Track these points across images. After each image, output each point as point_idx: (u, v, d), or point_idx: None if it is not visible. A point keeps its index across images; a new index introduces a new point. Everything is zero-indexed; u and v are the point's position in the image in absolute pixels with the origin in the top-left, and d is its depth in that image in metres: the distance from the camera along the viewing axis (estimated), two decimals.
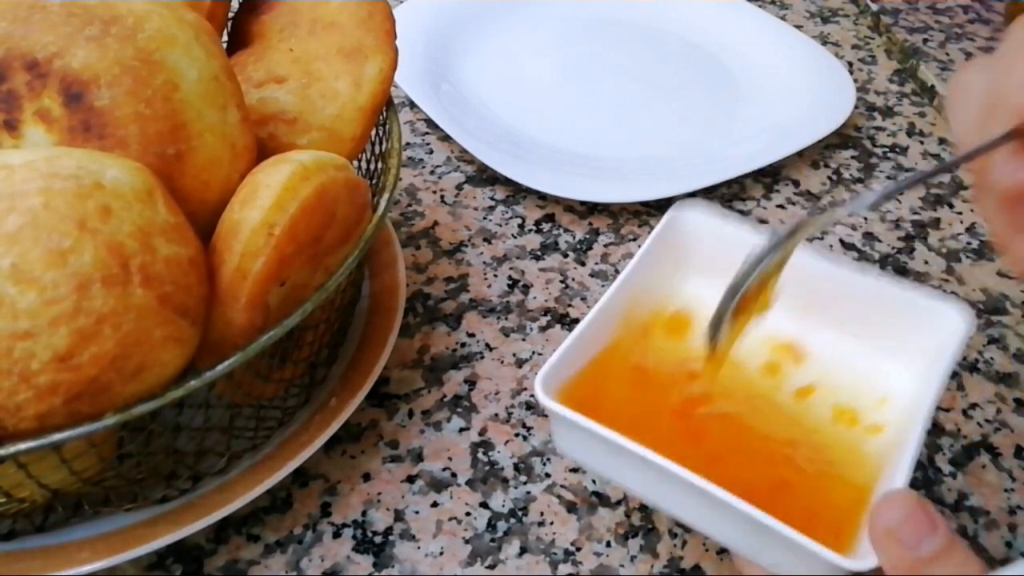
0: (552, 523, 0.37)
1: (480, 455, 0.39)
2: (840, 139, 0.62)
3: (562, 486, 0.38)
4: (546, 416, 0.41)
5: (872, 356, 0.34)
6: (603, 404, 0.32)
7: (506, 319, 0.46)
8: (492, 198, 0.55)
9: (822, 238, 0.53)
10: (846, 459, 0.32)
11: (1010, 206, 0.27)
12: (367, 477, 0.38)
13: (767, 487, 0.31)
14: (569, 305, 0.47)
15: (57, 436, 0.25)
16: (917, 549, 0.26)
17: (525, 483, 0.38)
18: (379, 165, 0.40)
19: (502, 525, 0.37)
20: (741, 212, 0.55)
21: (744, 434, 0.33)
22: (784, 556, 0.28)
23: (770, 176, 0.58)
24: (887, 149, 0.61)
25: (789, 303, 0.33)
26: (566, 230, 0.52)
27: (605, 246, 0.51)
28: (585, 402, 0.31)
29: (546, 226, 0.53)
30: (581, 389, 0.32)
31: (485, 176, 0.56)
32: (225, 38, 0.40)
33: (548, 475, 0.39)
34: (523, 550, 0.36)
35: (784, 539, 0.26)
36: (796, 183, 0.58)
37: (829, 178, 0.58)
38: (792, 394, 0.34)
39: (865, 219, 0.55)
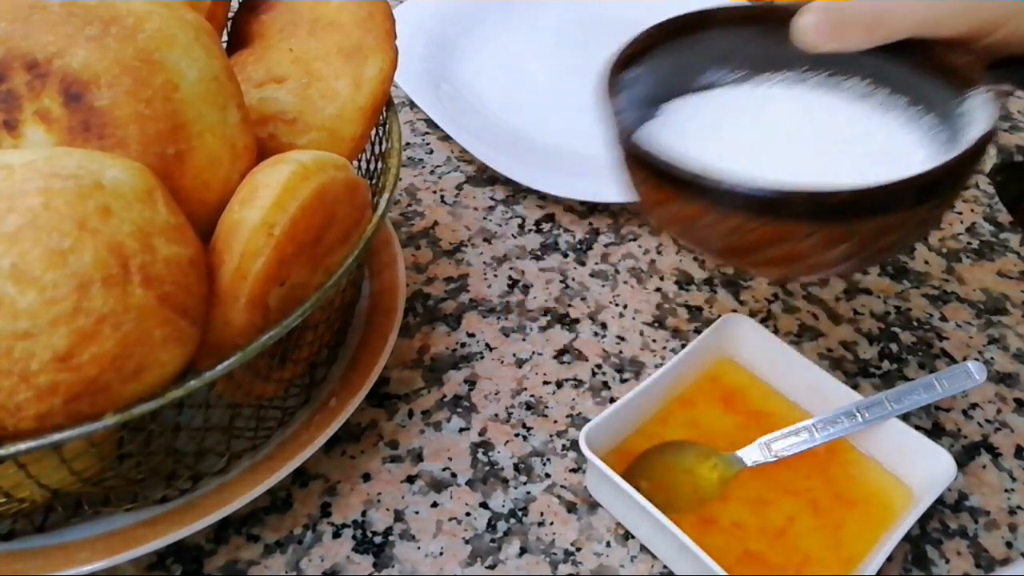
0: (552, 523, 0.37)
1: (480, 455, 0.39)
2: None
3: (562, 486, 0.38)
4: (546, 416, 0.41)
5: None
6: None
7: (506, 319, 0.46)
8: (492, 198, 0.55)
9: None
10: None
11: None
12: (367, 477, 0.38)
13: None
14: (569, 305, 0.47)
15: (57, 436, 0.25)
16: None
17: (525, 483, 0.38)
18: (379, 165, 0.40)
19: (502, 525, 0.37)
20: None
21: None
22: None
23: None
24: None
25: None
26: (566, 230, 0.52)
27: (605, 246, 0.51)
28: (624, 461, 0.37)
29: (546, 226, 0.53)
30: (624, 448, 0.38)
31: (485, 176, 0.56)
32: (225, 38, 0.40)
33: (548, 475, 0.39)
34: (523, 550, 0.36)
35: None
36: None
37: None
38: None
39: None
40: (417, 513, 0.37)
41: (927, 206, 0.30)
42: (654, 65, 0.38)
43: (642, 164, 0.33)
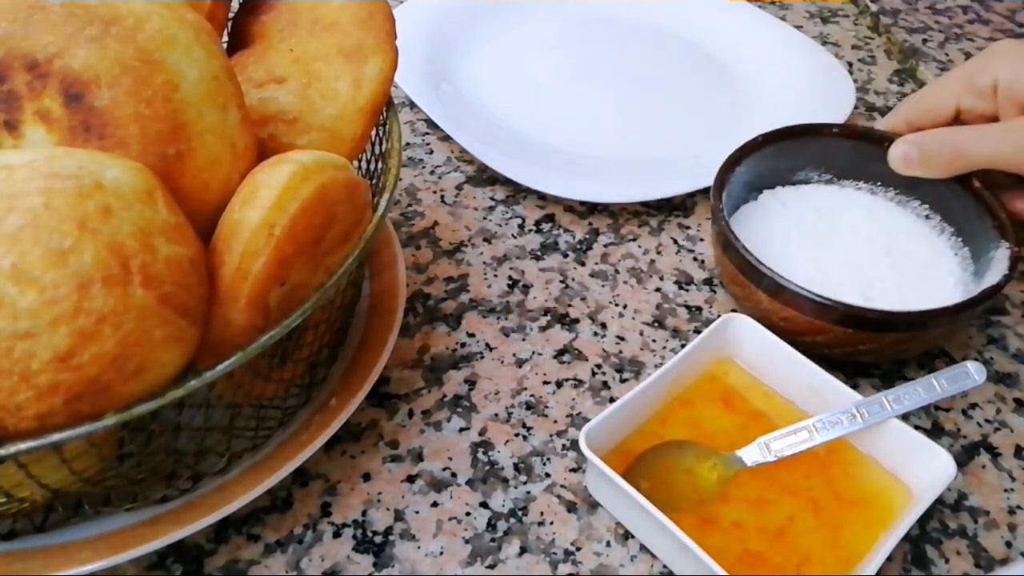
0: (552, 523, 0.37)
1: (480, 455, 0.39)
2: None
3: (562, 486, 0.38)
4: (546, 416, 0.41)
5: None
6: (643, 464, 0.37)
7: (506, 319, 0.46)
8: (492, 198, 0.55)
9: None
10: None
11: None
12: (367, 477, 0.38)
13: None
14: (569, 305, 0.47)
15: (57, 436, 0.25)
16: None
17: (525, 483, 0.38)
18: (379, 165, 0.40)
19: (502, 525, 0.37)
20: None
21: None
22: None
23: None
24: None
25: None
26: (566, 230, 0.52)
27: (605, 246, 0.51)
28: (624, 460, 0.37)
29: (546, 226, 0.53)
30: (624, 448, 0.38)
31: (485, 176, 0.56)
32: (225, 38, 0.40)
33: (548, 475, 0.39)
34: (523, 550, 0.36)
35: None
36: None
37: None
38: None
39: None
40: (417, 513, 0.37)
41: (936, 333, 0.40)
42: (761, 158, 0.47)
43: (734, 252, 0.42)
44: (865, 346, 0.40)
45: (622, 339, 0.45)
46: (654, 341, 0.45)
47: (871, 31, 0.76)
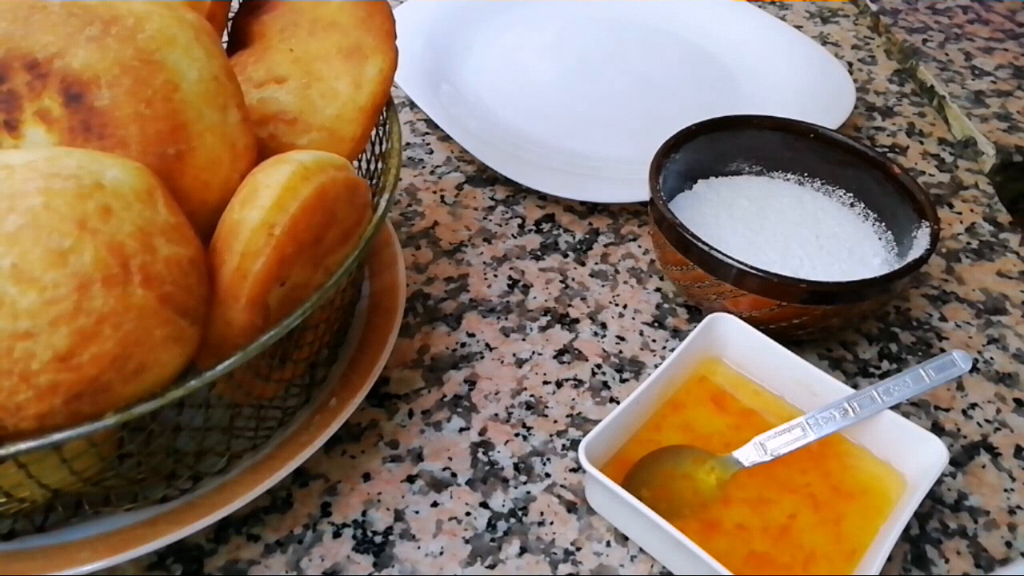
0: (552, 523, 0.37)
1: (480, 455, 0.39)
2: None
3: (562, 486, 0.38)
4: (546, 416, 0.41)
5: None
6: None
7: (506, 319, 0.46)
8: (492, 198, 0.55)
9: None
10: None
11: None
12: (367, 477, 0.38)
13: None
14: (569, 305, 0.47)
15: (57, 436, 0.25)
16: None
17: (525, 483, 0.38)
18: (379, 165, 0.40)
19: (502, 525, 0.37)
20: None
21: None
22: None
23: None
24: (887, 149, 0.61)
25: None
26: (566, 230, 0.52)
27: (605, 246, 0.51)
28: (623, 470, 0.37)
29: (546, 226, 0.53)
30: (621, 457, 0.37)
31: (485, 176, 0.56)
32: (225, 38, 0.40)
33: (548, 475, 0.39)
34: (523, 550, 0.36)
35: None
36: None
37: None
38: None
39: None
40: (417, 513, 0.37)
41: (863, 306, 0.41)
42: (694, 149, 0.48)
43: (672, 231, 0.43)
44: (804, 319, 0.41)
45: (622, 339, 0.45)
46: (654, 341, 0.45)
47: (871, 31, 0.76)
